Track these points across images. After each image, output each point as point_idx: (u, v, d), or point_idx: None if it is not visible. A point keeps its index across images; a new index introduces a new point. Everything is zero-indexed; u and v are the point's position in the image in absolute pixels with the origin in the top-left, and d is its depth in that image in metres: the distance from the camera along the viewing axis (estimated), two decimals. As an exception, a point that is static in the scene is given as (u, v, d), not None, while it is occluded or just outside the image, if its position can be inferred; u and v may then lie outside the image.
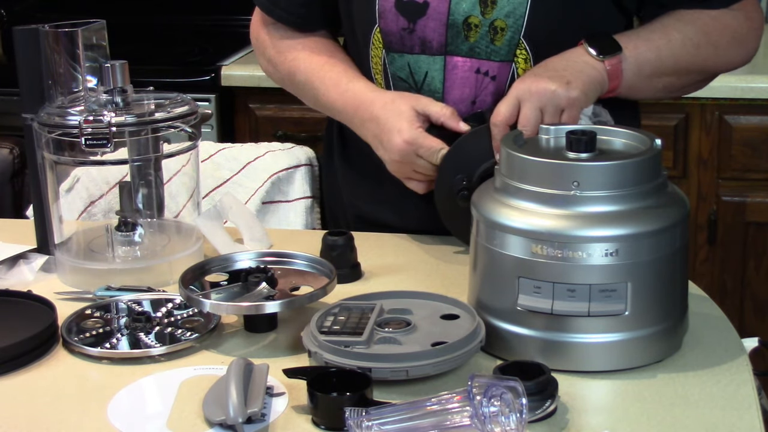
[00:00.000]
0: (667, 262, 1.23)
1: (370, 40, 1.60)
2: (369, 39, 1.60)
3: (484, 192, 1.29)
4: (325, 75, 1.63)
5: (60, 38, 1.51)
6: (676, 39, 1.53)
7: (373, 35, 1.59)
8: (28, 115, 1.54)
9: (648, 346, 1.24)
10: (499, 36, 1.52)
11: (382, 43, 1.58)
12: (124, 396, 1.21)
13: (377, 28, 1.58)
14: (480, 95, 1.55)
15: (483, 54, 1.54)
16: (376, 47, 1.60)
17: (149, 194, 1.59)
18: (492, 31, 1.52)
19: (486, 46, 1.53)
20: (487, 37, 1.53)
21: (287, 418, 1.16)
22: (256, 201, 1.99)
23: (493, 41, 1.53)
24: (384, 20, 1.57)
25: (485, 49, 1.54)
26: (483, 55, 1.54)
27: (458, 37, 1.54)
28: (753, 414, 1.15)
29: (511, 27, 1.52)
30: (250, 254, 1.45)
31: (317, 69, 1.65)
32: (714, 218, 2.77)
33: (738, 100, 2.68)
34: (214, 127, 2.91)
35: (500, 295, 1.25)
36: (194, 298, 1.33)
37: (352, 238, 1.51)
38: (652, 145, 1.26)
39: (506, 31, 1.52)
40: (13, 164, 2.47)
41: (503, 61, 1.54)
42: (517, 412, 1.05)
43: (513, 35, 1.52)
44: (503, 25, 1.52)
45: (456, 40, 1.54)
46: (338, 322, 1.26)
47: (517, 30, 1.52)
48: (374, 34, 1.58)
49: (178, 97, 1.55)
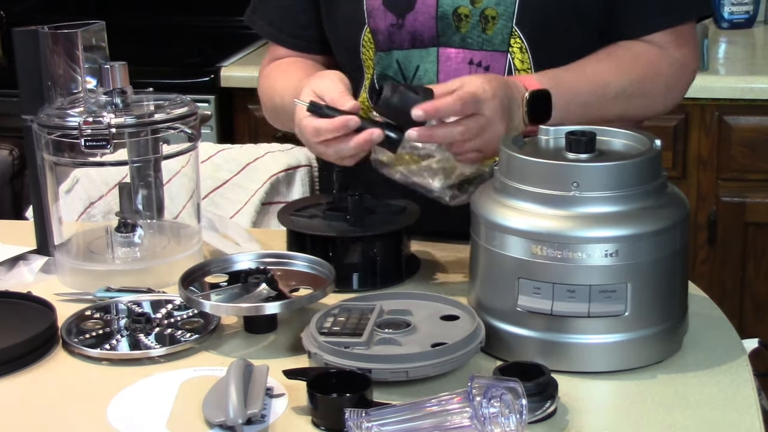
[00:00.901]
0: (667, 263, 1.23)
1: (360, 43, 1.59)
2: (359, 43, 1.59)
3: (483, 192, 1.29)
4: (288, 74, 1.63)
5: (59, 39, 1.51)
6: (611, 91, 1.51)
7: (363, 36, 1.59)
8: (27, 116, 1.54)
9: (648, 346, 1.24)
10: (491, 25, 1.52)
11: (373, 44, 1.58)
12: (124, 397, 1.21)
13: (366, 28, 1.58)
14: None
15: (475, 44, 1.54)
16: (367, 48, 1.60)
17: (149, 195, 1.59)
18: (483, 21, 1.52)
19: (478, 36, 1.53)
20: (478, 27, 1.53)
21: (287, 419, 1.15)
22: (256, 202, 1.99)
23: (484, 30, 1.53)
24: (372, 19, 1.57)
25: (477, 39, 1.54)
26: (475, 45, 1.54)
27: (449, 29, 1.54)
28: (753, 415, 1.15)
29: (502, 15, 1.52)
30: (249, 255, 1.45)
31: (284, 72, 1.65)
32: (714, 219, 2.77)
33: (738, 101, 2.68)
34: (214, 128, 2.91)
35: (500, 295, 1.25)
36: (194, 299, 1.33)
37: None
38: (651, 146, 1.26)
39: (497, 19, 1.52)
40: (13, 165, 2.48)
41: (497, 50, 1.54)
42: (516, 413, 1.05)
43: (505, 23, 1.52)
44: (494, 13, 1.52)
45: (447, 32, 1.54)
46: (338, 323, 1.26)
47: (508, 18, 1.52)
48: (364, 35, 1.58)
49: (177, 98, 1.55)
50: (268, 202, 2.00)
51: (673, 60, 1.58)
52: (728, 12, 3.15)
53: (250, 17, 1.75)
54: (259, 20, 1.73)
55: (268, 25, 1.73)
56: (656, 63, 1.56)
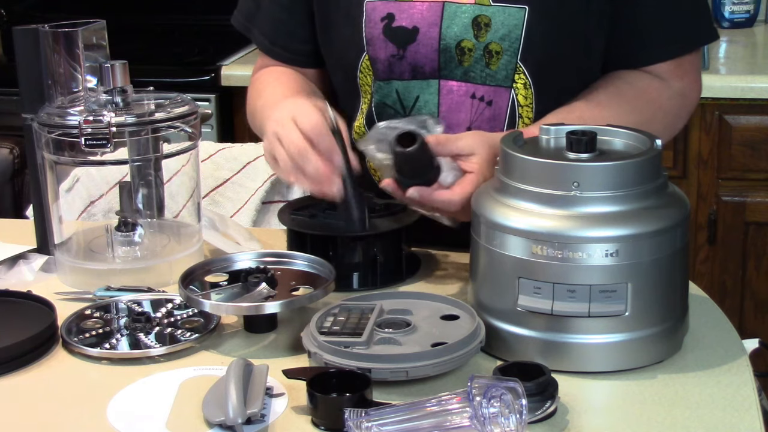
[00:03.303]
0: (668, 263, 1.23)
1: (358, 68, 1.57)
2: (356, 68, 1.57)
3: (484, 192, 1.29)
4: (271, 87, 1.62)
5: (60, 38, 1.51)
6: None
7: (362, 63, 1.56)
8: (28, 115, 1.54)
9: (648, 346, 1.24)
10: (495, 60, 1.49)
11: (371, 71, 1.56)
12: (124, 396, 1.21)
13: (365, 55, 1.55)
14: (476, 121, 1.53)
15: (478, 78, 1.51)
16: (365, 74, 1.57)
17: (149, 194, 1.59)
18: (487, 55, 1.49)
19: (481, 70, 1.51)
20: (482, 61, 1.50)
21: (287, 418, 1.15)
22: (256, 201, 1.99)
23: (488, 65, 1.50)
24: (372, 47, 1.54)
25: (480, 74, 1.51)
26: (478, 79, 1.51)
27: (452, 62, 1.51)
28: (753, 415, 1.15)
29: (507, 50, 1.49)
30: (250, 254, 1.45)
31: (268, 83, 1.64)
32: (714, 218, 2.77)
33: (738, 100, 2.68)
34: (214, 126, 2.91)
35: (500, 295, 1.25)
36: (194, 299, 1.33)
37: (424, 141, 1.36)
38: (652, 146, 1.26)
39: (501, 54, 1.49)
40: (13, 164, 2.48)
41: (500, 86, 1.51)
42: (516, 413, 1.05)
43: (509, 59, 1.49)
44: (498, 48, 1.49)
45: (450, 65, 1.52)
46: (338, 323, 1.26)
47: (513, 53, 1.49)
48: (362, 61, 1.56)
49: (178, 97, 1.55)
50: (269, 201, 2.00)
51: (673, 93, 1.55)
52: (729, 11, 3.15)
53: (244, 24, 1.71)
54: (254, 29, 1.70)
55: (261, 35, 1.69)
56: (657, 99, 1.54)
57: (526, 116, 1.52)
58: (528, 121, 1.52)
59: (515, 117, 1.53)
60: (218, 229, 1.65)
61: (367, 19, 1.54)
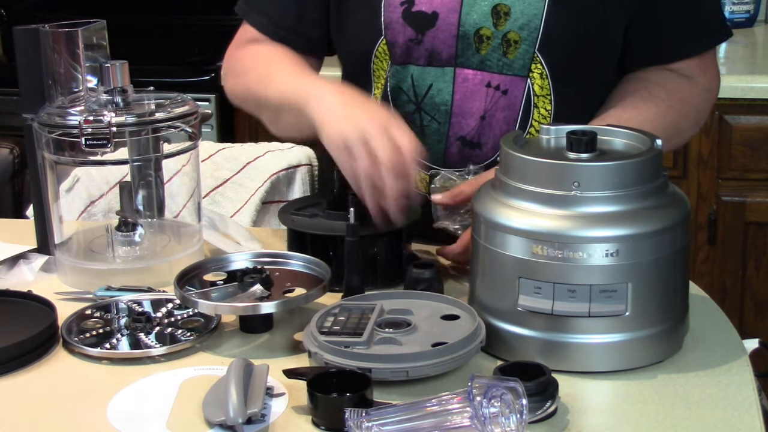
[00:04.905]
0: (668, 263, 1.23)
1: (373, 53, 1.57)
2: (371, 52, 1.57)
3: (484, 192, 1.29)
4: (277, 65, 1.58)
5: (60, 38, 1.51)
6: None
7: (378, 47, 1.56)
8: (28, 115, 1.54)
9: (648, 346, 1.24)
10: (512, 49, 1.49)
11: (388, 55, 1.56)
12: (124, 396, 1.21)
13: (383, 39, 1.55)
14: (490, 110, 1.53)
15: (494, 67, 1.51)
16: (380, 59, 1.57)
17: (149, 194, 1.59)
18: (505, 44, 1.50)
19: (498, 59, 1.51)
20: (499, 50, 1.50)
21: (287, 418, 1.15)
22: (256, 201, 1.99)
23: (505, 54, 1.50)
24: (390, 31, 1.54)
25: (497, 63, 1.51)
26: (495, 68, 1.51)
27: (469, 49, 1.51)
28: (753, 415, 1.15)
29: (525, 40, 1.49)
30: (246, 254, 1.45)
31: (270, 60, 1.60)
32: (714, 218, 2.77)
33: (738, 100, 2.68)
34: (214, 126, 2.91)
35: (500, 295, 1.25)
36: (188, 298, 1.33)
37: (439, 269, 1.42)
38: (652, 146, 1.26)
39: (520, 44, 1.49)
40: (14, 164, 2.48)
41: (516, 75, 1.51)
42: (517, 412, 1.05)
43: (527, 48, 1.49)
44: (517, 37, 1.49)
45: (467, 52, 1.52)
46: (338, 323, 1.26)
47: (531, 43, 1.49)
48: (379, 46, 1.55)
49: (178, 97, 1.55)
50: (269, 201, 2.00)
51: (700, 89, 1.57)
52: (729, 11, 3.15)
53: (243, 8, 1.68)
54: (254, 13, 1.66)
55: (265, 18, 1.65)
56: (688, 98, 1.56)
57: (542, 107, 1.53)
58: (544, 111, 1.53)
59: (530, 107, 1.53)
60: (218, 229, 1.65)
61: (387, 3, 1.54)
